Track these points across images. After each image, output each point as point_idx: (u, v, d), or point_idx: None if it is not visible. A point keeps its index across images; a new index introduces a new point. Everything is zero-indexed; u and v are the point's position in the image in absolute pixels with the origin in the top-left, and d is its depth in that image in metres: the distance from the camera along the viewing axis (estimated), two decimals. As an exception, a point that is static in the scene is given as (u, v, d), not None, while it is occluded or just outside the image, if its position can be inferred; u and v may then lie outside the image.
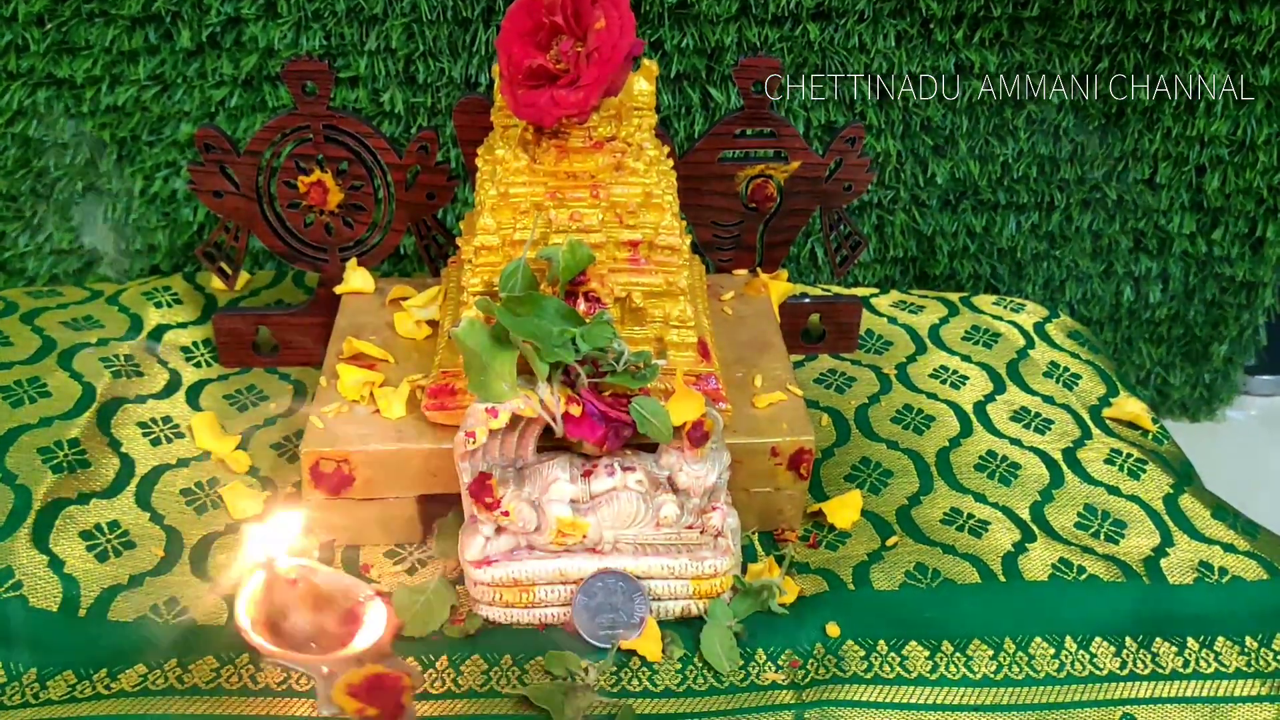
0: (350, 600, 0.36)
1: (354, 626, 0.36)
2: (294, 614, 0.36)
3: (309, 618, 0.36)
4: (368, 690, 0.32)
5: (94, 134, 1.02)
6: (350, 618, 0.36)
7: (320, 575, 0.37)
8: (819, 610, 0.69)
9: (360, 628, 0.36)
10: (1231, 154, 1.09)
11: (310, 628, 0.36)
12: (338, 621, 0.36)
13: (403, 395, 0.74)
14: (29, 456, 0.75)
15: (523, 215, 0.70)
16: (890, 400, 0.88)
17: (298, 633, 0.36)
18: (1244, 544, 0.74)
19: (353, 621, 0.36)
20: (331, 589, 0.37)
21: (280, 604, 0.36)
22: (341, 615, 0.36)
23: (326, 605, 0.37)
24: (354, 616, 0.36)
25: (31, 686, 0.62)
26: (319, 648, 0.36)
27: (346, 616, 0.36)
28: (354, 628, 0.36)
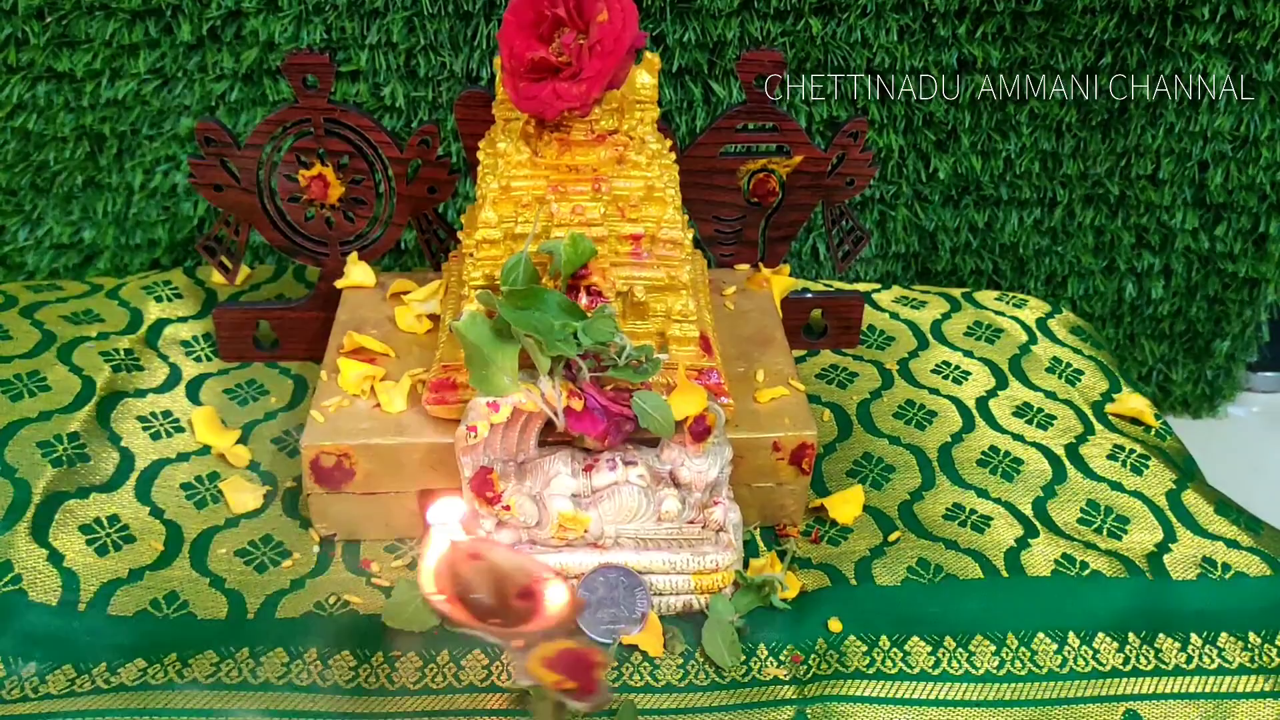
0: (528, 578, 0.36)
1: (533, 603, 0.36)
2: (476, 590, 0.37)
3: (490, 593, 0.37)
4: (563, 663, 0.33)
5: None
6: (528, 595, 0.37)
7: (497, 553, 0.37)
8: (821, 605, 0.68)
9: (540, 605, 0.36)
10: (1234, 150, 1.09)
11: (492, 603, 0.37)
12: (516, 598, 0.37)
13: (404, 389, 0.74)
14: (28, 450, 0.74)
15: (524, 209, 0.70)
16: (892, 395, 0.88)
17: (480, 608, 0.37)
18: (1247, 540, 0.74)
19: (530, 598, 0.36)
20: (509, 567, 0.37)
21: (463, 580, 0.37)
22: (519, 592, 0.37)
23: (505, 582, 0.37)
24: (532, 594, 0.36)
25: (30, 681, 0.61)
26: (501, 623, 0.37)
27: (524, 594, 0.37)
28: (533, 604, 0.36)
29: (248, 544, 0.72)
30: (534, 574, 0.38)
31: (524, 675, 0.33)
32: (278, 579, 0.70)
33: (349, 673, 0.63)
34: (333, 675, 0.63)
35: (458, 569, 0.39)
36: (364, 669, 0.64)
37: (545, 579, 0.37)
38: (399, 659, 0.64)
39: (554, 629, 0.35)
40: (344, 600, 0.68)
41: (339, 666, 0.64)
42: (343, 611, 0.68)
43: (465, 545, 0.39)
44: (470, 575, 0.38)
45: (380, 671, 0.64)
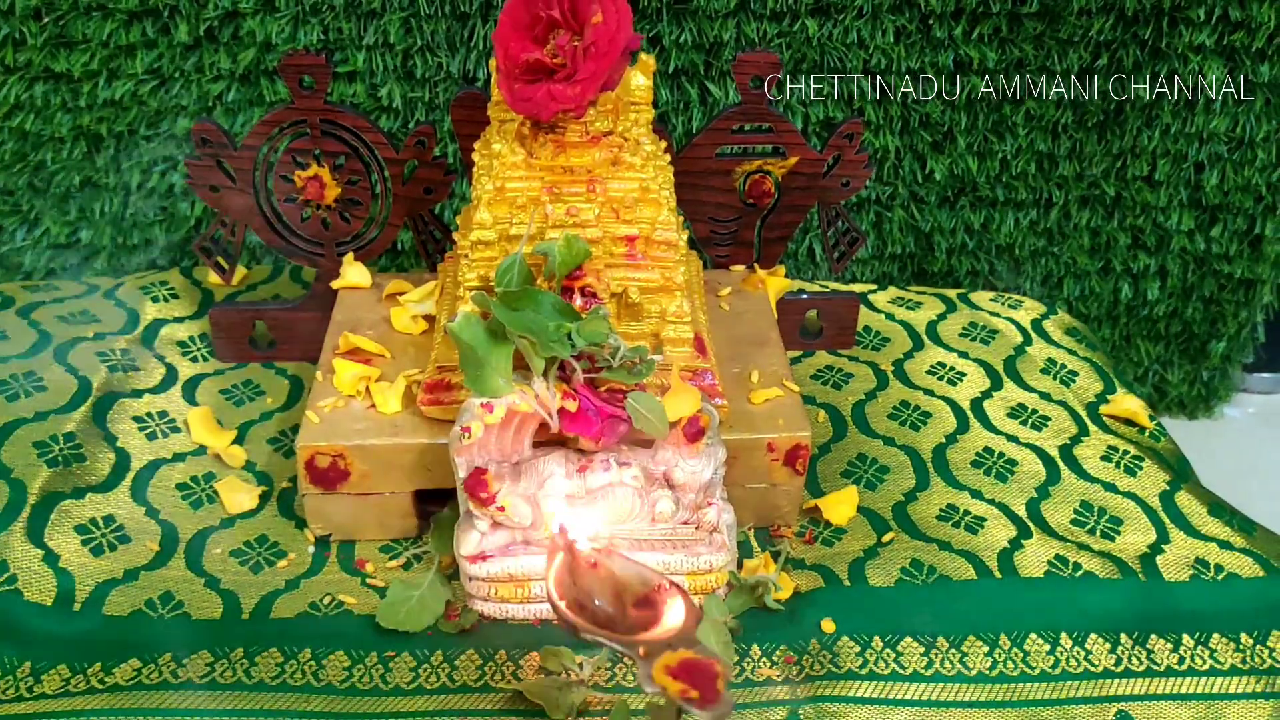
0: (646, 587, 0.37)
1: (652, 612, 0.37)
2: (597, 597, 0.37)
3: (610, 601, 0.37)
4: (685, 672, 0.33)
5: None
6: (647, 603, 0.37)
7: (616, 562, 0.38)
8: (814, 606, 0.69)
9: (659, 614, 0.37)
10: (1230, 151, 1.09)
11: (612, 611, 0.37)
12: (634, 607, 0.37)
13: (399, 390, 0.74)
14: (24, 450, 0.74)
15: (519, 210, 0.70)
16: (887, 396, 0.88)
17: (600, 615, 0.37)
18: (1240, 541, 0.74)
19: (649, 607, 0.37)
20: (628, 576, 0.38)
21: (584, 587, 0.37)
22: (637, 601, 0.37)
23: (624, 590, 0.37)
24: (651, 603, 0.37)
25: (25, 680, 0.62)
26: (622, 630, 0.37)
27: (643, 602, 0.37)
28: (652, 613, 0.37)
29: (243, 544, 0.72)
30: (652, 584, 0.38)
31: (649, 683, 0.33)
32: (273, 579, 0.70)
33: (343, 673, 0.63)
34: (327, 675, 0.63)
35: (578, 577, 0.39)
36: (358, 669, 0.64)
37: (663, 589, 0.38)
38: (393, 659, 0.64)
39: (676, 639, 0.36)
40: (338, 600, 0.69)
41: (333, 667, 0.64)
42: (337, 612, 0.68)
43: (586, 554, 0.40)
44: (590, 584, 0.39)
45: (374, 672, 0.64)
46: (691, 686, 0.34)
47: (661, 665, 0.34)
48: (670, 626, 0.37)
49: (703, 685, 0.34)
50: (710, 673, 0.34)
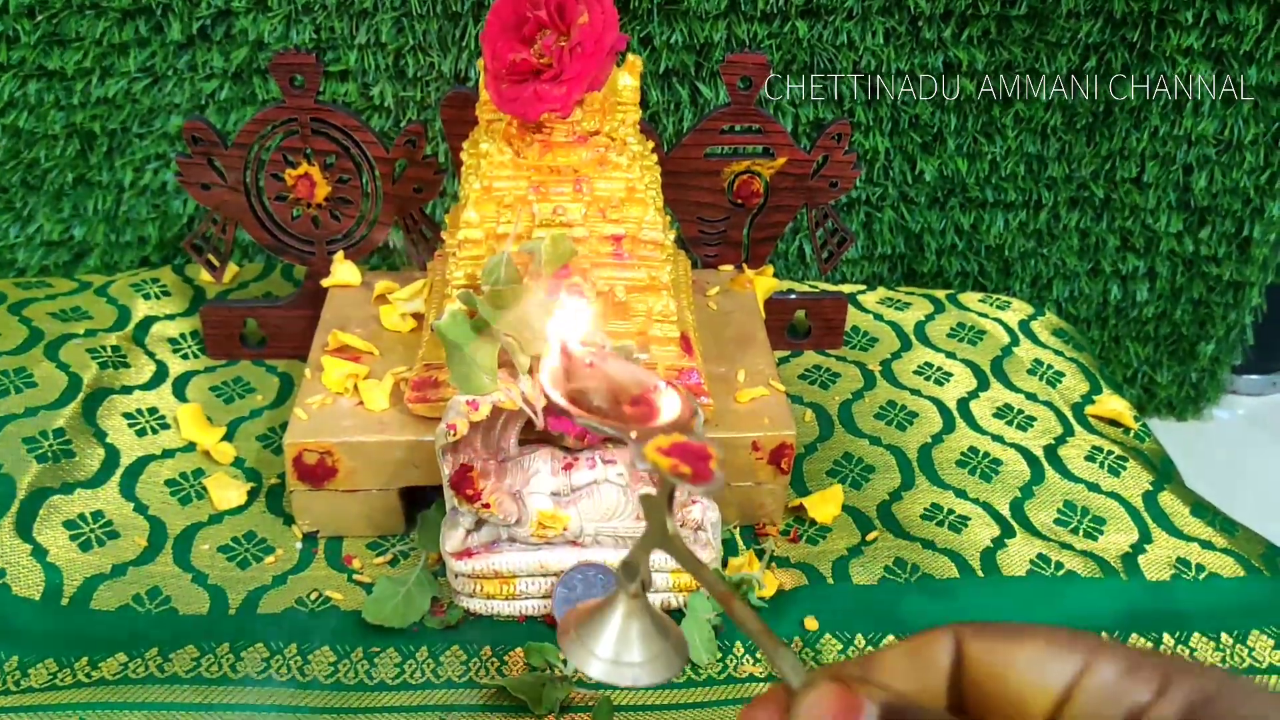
0: (641, 387, 0.37)
1: (647, 409, 0.37)
2: (592, 395, 0.38)
3: (605, 399, 0.38)
4: (678, 452, 0.33)
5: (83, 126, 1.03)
6: (643, 402, 0.37)
7: (612, 363, 0.38)
8: (798, 604, 0.69)
9: (655, 410, 0.37)
10: (1219, 153, 1.10)
11: (607, 408, 0.38)
12: (630, 404, 0.38)
13: (386, 388, 0.74)
14: (14, 446, 0.75)
15: (506, 209, 0.71)
16: (874, 396, 0.89)
17: (595, 410, 0.38)
18: (1222, 541, 0.74)
19: (644, 405, 0.37)
20: (622, 375, 0.38)
21: (579, 385, 0.38)
22: (633, 399, 0.38)
23: (619, 390, 0.38)
24: (646, 401, 0.37)
25: (13, 674, 0.62)
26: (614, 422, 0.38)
27: (639, 400, 0.38)
28: (647, 410, 0.37)
29: (231, 540, 0.73)
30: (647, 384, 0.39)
31: (640, 460, 0.33)
32: (260, 575, 0.71)
33: (328, 668, 0.64)
34: (312, 671, 0.64)
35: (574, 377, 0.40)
36: (343, 664, 0.64)
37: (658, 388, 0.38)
38: (378, 655, 0.65)
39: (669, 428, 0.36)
40: (325, 596, 0.69)
41: (318, 662, 0.64)
42: (324, 607, 0.68)
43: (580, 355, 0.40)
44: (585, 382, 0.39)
45: (359, 667, 0.64)
46: (684, 464, 0.34)
47: (653, 445, 0.35)
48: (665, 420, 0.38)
49: (695, 463, 0.34)
50: (703, 453, 0.34)
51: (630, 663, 0.37)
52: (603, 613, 0.37)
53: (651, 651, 0.37)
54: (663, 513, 0.37)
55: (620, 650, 0.37)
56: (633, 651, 0.37)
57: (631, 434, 0.36)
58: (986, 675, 0.32)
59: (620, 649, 0.37)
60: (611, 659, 0.37)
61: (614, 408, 0.39)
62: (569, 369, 0.39)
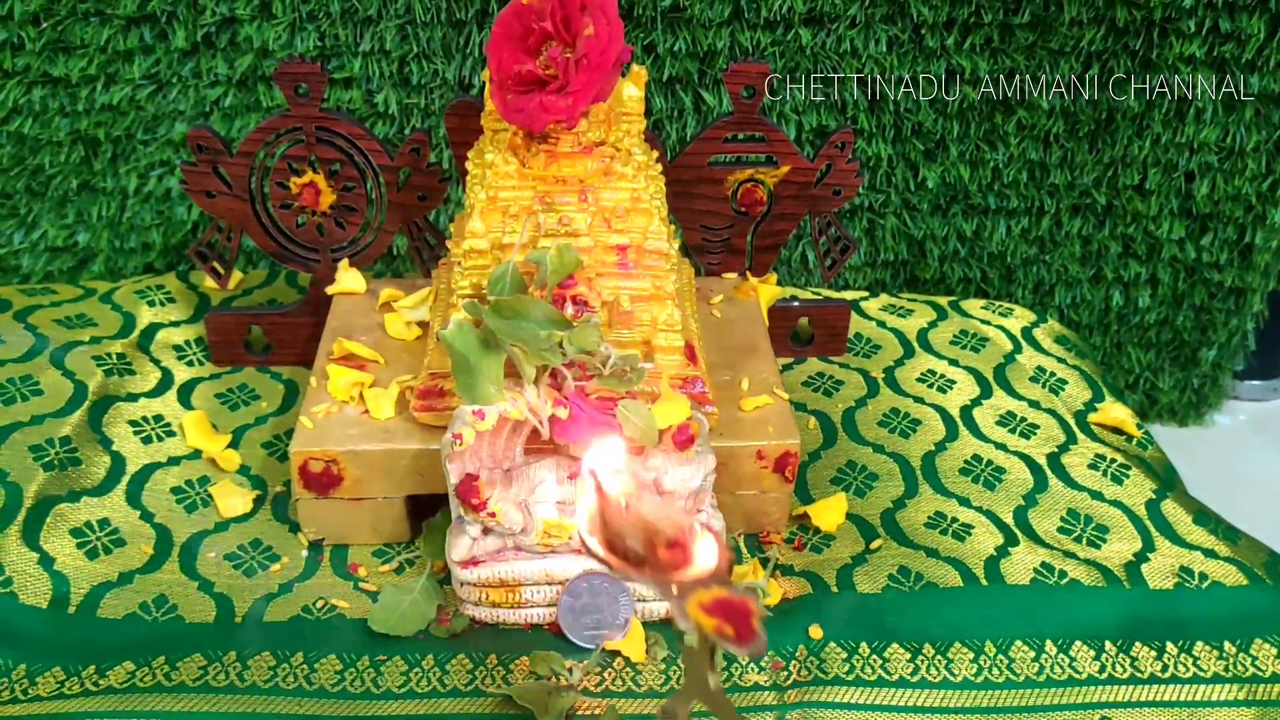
0: (676, 530, 0.37)
1: (681, 554, 0.37)
2: (628, 538, 0.38)
3: (641, 542, 0.38)
4: (720, 610, 0.34)
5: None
6: (677, 546, 0.37)
7: (647, 504, 0.38)
8: (802, 612, 0.69)
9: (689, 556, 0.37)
10: (1221, 160, 1.10)
11: (643, 552, 0.38)
12: (665, 548, 0.38)
13: (392, 396, 0.75)
14: (20, 454, 0.75)
15: (512, 219, 0.71)
16: (877, 404, 0.89)
17: (632, 557, 0.38)
18: (1225, 549, 0.75)
19: (679, 549, 0.37)
20: (658, 518, 0.38)
21: (615, 529, 0.38)
22: (668, 543, 0.38)
23: (655, 533, 0.38)
24: (680, 545, 0.37)
25: (20, 683, 0.62)
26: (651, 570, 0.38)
27: (673, 545, 0.38)
28: (681, 555, 0.37)
29: (236, 548, 0.73)
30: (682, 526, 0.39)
31: (683, 620, 0.34)
32: (266, 583, 0.71)
33: (335, 676, 0.64)
34: (319, 679, 0.64)
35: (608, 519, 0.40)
36: (350, 673, 0.64)
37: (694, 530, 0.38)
38: (384, 663, 0.65)
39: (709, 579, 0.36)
40: (331, 604, 0.69)
41: (325, 670, 0.64)
42: (330, 615, 0.68)
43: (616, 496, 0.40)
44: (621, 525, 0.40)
45: (366, 675, 0.64)
46: (727, 623, 0.34)
47: (695, 602, 0.35)
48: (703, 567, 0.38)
49: (738, 622, 0.34)
50: (745, 610, 0.35)
51: None
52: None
53: None
54: (704, 669, 0.37)
55: None
56: None
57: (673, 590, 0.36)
58: None
59: None
60: None
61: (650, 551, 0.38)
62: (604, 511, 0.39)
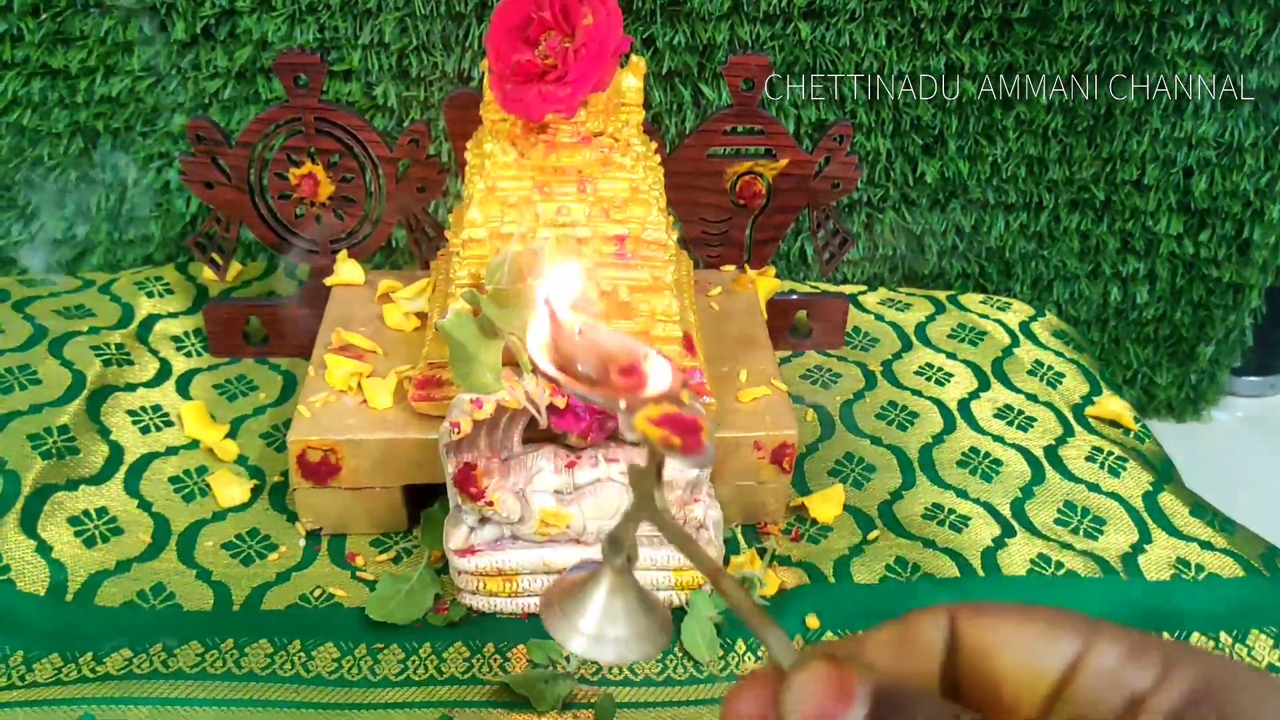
0: (630, 356, 0.37)
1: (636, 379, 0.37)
2: (580, 364, 0.37)
3: (594, 368, 0.37)
4: (668, 423, 0.33)
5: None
6: (631, 370, 0.37)
7: (601, 332, 0.38)
8: (799, 602, 0.69)
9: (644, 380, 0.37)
10: (1219, 156, 1.10)
11: (595, 376, 0.37)
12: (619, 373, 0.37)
13: (390, 386, 0.75)
14: (18, 443, 0.75)
15: (510, 209, 0.71)
16: (875, 396, 0.89)
17: (584, 380, 0.37)
18: (1221, 541, 0.75)
19: (633, 374, 0.37)
20: (611, 344, 0.38)
21: (567, 353, 0.37)
22: (623, 369, 0.37)
23: (608, 359, 0.38)
24: (635, 370, 0.37)
25: (18, 669, 0.62)
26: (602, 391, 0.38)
27: (629, 370, 0.37)
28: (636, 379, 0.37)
29: (234, 537, 0.73)
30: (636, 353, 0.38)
31: (630, 431, 0.33)
32: (263, 572, 0.71)
33: (332, 664, 0.64)
34: (316, 667, 0.64)
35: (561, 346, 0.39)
36: (347, 660, 0.65)
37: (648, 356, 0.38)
38: (381, 651, 0.65)
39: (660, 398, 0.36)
40: (329, 593, 0.69)
41: (322, 658, 0.64)
42: (327, 604, 0.69)
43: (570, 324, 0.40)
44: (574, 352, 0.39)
45: (363, 663, 0.64)
46: (675, 435, 0.34)
47: (643, 415, 0.34)
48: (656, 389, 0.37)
49: (685, 435, 0.34)
50: (694, 425, 0.34)
51: (614, 638, 0.35)
52: (587, 587, 0.36)
53: (636, 627, 0.36)
54: (650, 484, 0.36)
55: (604, 625, 0.35)
56: (617, 626, 0.36)
57: (621, 404, 0.36)
58: (981, 657, 0.30)
59: (604, 624, 0.35)
60: (594, 634, 0.35)
61: (603, 377, 0.38)
62: (557, 337, 0.39)
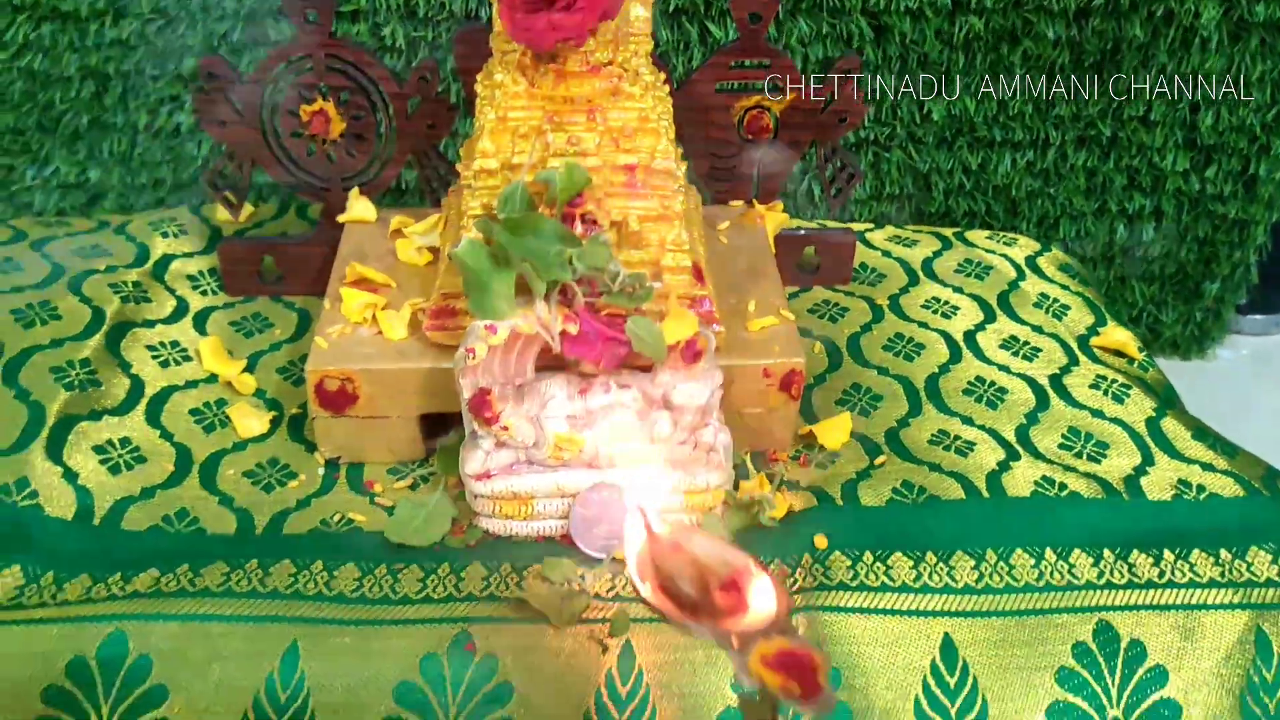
0: (729, 569, 0.36)
1: (737, 596, 0.36)
2: (680, 580, 0.37)
3: (694, 585, 0.37)
4: (784, 664, 0.32)
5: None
6: (731, 586, 0.36)
7: (698, 543, 0.37)
8: (808, 524, 0.71)
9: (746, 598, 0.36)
10: (1226, 91, 1.10)
11: (696, 595, 0.37)
12: (720, 591, 0.37)
13: (404, 317, 0.76)
14: (41, 375, 0.77)
15: (521, 139, 0.72)
16: (882, 329, 0.90)
17: (686, 600, 0.36)
18: (1223, 463, 0.76)
19: (734, 590, 0.36)
20: (711, 557, 0.37)
21: (667, 570, 0.37)
22: (723, 585, 0.37)
23: (708, 575, 0.37)
24: (735, 585, 0.36)
25: (49, 589, 0.64)
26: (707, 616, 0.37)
27: (728, 586, 0.37)
28: (738, 597, 0.36)
29: (255, 466, 0.75)
30: (736, 566, 0.37)
31: (746, 676, 0.33)
32: (284, 498, 0.72)
33: (354, 583, 0.66)
34: (338, 585, 0.66)
35: (660, 561, 0.38)
36: (368, 580, 0.66)
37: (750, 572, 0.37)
38: (401, 571, 0.67)
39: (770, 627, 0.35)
40: (348, 518, 0.71)
41: (344, 577, 0.66)
42: (347, 529, 0.70)
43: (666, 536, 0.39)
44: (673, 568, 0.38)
45: (384, 582, 0.66)
46: (791, 679, 0.33)
47: (758, 656, 0.33)
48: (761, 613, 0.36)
49: (803, 678, 0.33)
50: (810, 664, 0.33)
51: None
52: None
53: None
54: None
55: None
56: None
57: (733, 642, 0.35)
58: None
59: None
60: None
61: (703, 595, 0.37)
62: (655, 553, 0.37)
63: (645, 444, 0.70)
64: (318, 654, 0.62)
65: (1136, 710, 0.64)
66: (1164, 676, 0.65)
